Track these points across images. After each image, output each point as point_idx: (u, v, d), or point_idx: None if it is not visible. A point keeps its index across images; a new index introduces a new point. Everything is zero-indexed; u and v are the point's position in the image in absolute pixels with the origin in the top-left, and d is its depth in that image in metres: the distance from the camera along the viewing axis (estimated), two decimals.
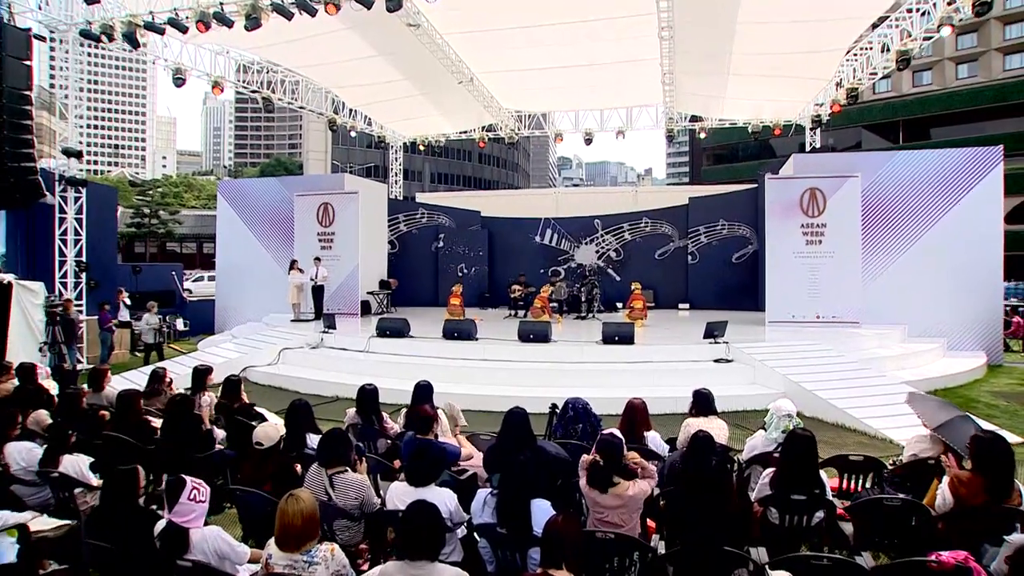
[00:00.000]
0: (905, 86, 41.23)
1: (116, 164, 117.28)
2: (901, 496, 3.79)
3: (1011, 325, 17.11)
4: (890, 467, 4.62)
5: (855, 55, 15.28)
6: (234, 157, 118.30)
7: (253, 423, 5.30)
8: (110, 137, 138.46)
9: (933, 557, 2.95)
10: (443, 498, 3.69)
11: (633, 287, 14.84)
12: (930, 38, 13.14)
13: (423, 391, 5.64)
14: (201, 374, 6.62)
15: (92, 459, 4.64)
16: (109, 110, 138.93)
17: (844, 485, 4.69)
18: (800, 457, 3.83)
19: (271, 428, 4.37)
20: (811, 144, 18.78)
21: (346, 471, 3.95)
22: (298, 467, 4.35)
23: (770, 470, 4.00)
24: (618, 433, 4.17)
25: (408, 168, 67.35)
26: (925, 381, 9.40)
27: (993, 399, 9.47)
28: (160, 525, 3.34)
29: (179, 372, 11.32)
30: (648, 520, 4.09)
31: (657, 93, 17.49)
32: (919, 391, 5.63)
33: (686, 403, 5.39)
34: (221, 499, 4.74)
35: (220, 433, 5.95)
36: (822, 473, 3.95)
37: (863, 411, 8.05)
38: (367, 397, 5.71)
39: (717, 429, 5.02)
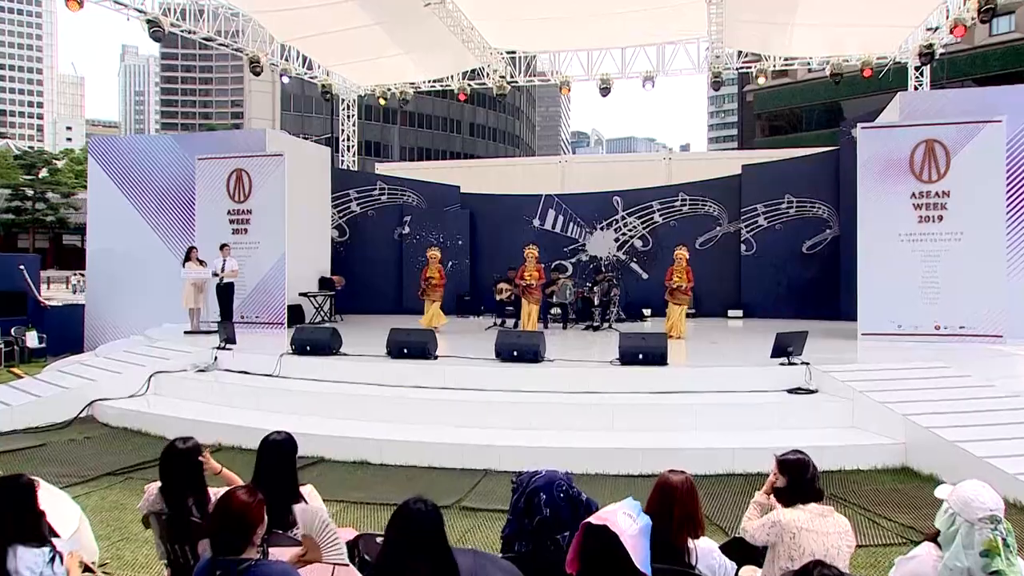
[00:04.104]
0: None
1: (1, 136, 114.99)
2: None
3: None
4: None
5: None
6: (161, 128, 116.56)
7: None
8: None
9: None
10: None
11: (677, 253, 13.13)
12: None
13: (271, 453, 3.79)
14: None
15: None
16: None
17: None
18: None
19: None
20: None
21: None
22: None
23: None
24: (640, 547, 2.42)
25: (380, 142, 66.56)
26: None
27: None
28: None
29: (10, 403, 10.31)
30: None
31: (700, 22, 16.85)
32: None
33: (749, 459, 3.94)
34: None
35: None
36: None
37: None
38: (176, 460, 3.83)
39: (838, 536, 3.22)
